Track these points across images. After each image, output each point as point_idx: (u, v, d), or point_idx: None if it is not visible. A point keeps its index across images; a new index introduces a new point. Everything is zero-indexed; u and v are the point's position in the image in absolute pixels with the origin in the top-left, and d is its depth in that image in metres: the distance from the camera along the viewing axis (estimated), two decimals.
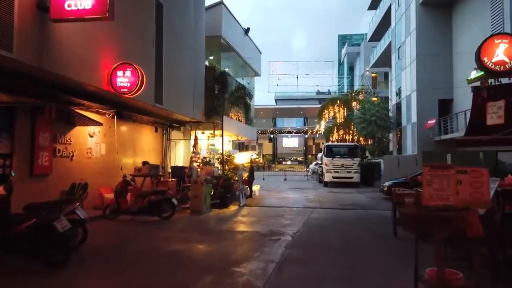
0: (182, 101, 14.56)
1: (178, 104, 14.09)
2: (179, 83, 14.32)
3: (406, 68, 28.74)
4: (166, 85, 13.03)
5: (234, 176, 16.45)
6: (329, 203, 16.79)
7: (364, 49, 50.63)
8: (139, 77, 9.81)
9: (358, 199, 18.19)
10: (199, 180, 12.66)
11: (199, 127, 17.85)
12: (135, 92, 9.88)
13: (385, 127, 30.54)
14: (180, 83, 14.37)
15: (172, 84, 13.65)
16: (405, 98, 29.09)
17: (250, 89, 17.16)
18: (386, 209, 14.75)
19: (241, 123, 21.86)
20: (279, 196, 19.64)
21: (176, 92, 14.03)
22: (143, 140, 15.02)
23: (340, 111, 33.23)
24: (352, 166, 25.05)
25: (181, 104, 14.36)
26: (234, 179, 16.59)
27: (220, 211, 13.62)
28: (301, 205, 15.96)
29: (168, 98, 13.19)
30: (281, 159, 64.51)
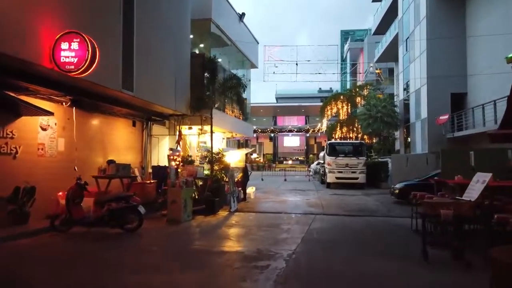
0: (161, 90, 12.29)
1: (155, 94, 11.84)
2: (157, 69, 12.06)
3: (415, 60, 26.39)
4: (139, 69, 10.77)
5: (224, 177, 14.18)
6: (333, 208, 14.50)
7: (368, 45, 48.26)
8: (89, 50, 7.54)
9: (366, 203, 15.89)
10: (177, 183, 10.39)
11: (186, 122, 15.58)
12: (85, 70, 7.61)
13: (392, 124, 28.20)
14: (158, 69, 12.11)
15: (147, 70, 11.40)
16: (413, 92, 26.75)
17: (243, 79, 14.83)
18: (400, 216, 12.47)
19: (236, 118, 19.56)
20: (277, 199, 17.35)
21: (153, 79, 11.77)
22: (117, 135, 12.77)
23: (343, 107, 30.92)
24: (357, 166, 22.74)
25: (159, 94, 12.09)
26: (225, 181, 14.33)
27: (205, 219, 11.36)
28: (301, 210, 13.69)
29: (142, 85, 10.93)
30: (282, 158, 62.25)
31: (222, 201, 13.80)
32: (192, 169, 11.32)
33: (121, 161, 12.72)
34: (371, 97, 29.09)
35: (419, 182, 15.74)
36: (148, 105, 12.28)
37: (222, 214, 12.58)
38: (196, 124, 15.90)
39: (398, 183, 16.24)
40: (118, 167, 9.97)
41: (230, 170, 13.99)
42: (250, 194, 17.59)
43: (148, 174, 13.88)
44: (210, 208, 12.63)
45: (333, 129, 32.16)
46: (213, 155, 13.95)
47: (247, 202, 16.16)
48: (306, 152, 61.70)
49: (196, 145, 18.76)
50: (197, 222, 10.67)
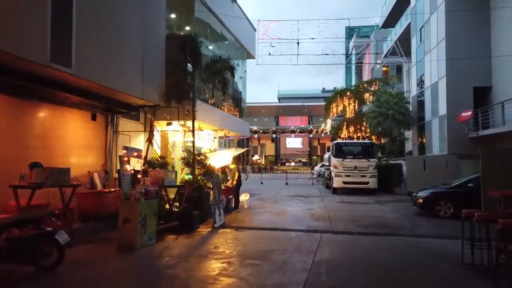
0: (121, 72, 9.33)
1: (110, 75, 8.89)
2: (114, 45, 9.10)
3: (431, 51, 23.35)
4: (83, 40, 7.85)
5: (208, 183, 11.24)
6: (344, 222, 11.50)
7: (375, 41, 45.12)
8: None
9: (383, 215, 12.86)
10: (133, 194, 7.45)
11: (165, 116, 12.67)
12: None
13: (404, 123, 25.13)
14: (115, 45, 9.15)
15: (97, 43, 8.48)
16: (429, 87, 23.69)
17: (232, 61, 11.85)
18: (433, 235, 9.48)
19: (227, 114, 16.61)
20: (275, 209, 14.37)
21: (107, 56, 8.84)
22: (68, 131, 9.86)
23: (350, 104, 27.88)
24: (367, 169, 19.72)
25: (118, 76, 9.14)
26: (209, 188, 11.39)
27: (174, 242, 8.40)
28: (303, 225, 10.72)
29: (87, 62, 8.03)
30: (284, 160, 59.20)
31: (205, 214, 10.86)
32: (157, 175, 8.35)
33: (74, 164, 9.85)
34: (381, 92, 26.03)
35: (449, 190, 12.73)
36: (107, 92, 9.35)
37: (202, 232, 9.63)
38: (177, 119, 12.96)
39: (422, 190, 13.21)
40: (49, 172, 7.02)
41: (215, 174, 11.02)
42: (244, 202, 14.67)
43: (113, 180, 10.96)
44: (187, 225, 9.70)
45: (339, 129, 29.13)
46: (194, 156, 10.97)
47: (239, 212, 13.23)
48: (309, 154, 58.58)
49: (182, 145, 15.86)
50: (161, 248, 7.70)
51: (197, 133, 16.17)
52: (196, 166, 10.80)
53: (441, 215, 12.26)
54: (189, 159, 11.02)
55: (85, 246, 7.59)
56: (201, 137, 16.50)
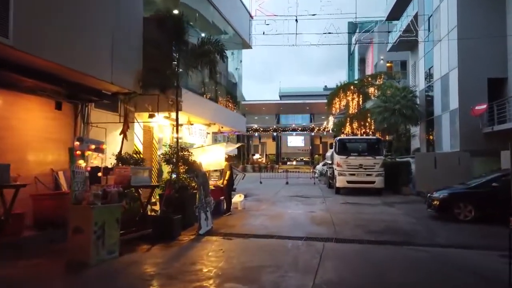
0: (83, 49, 7.69)
1: (69, 52, 7.30)
2: (72, 17, 7.46)
3: (440, 41, 21.70)
4: (26, 7, 6.27)
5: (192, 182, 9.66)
6: (350, 227, 9.91)
7: (379, 36, 43.44)
8: None
9: (393, 219, 11.25)
10: (86, 197, 5.87)
11: (146, 107, 11.12)
12: None
13: (412, 118, 23.46)
14: (74, 17, 7.51)
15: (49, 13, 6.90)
16: (439, 79, 22.02)
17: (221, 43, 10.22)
18: (455, 244, 7.89)
19: (220, 106, 15.02)
20: (272, 211, 12.80)
21: (64, 30, 7.23)
22: (25, 120, 8.30)
23: (354, 99, 26.22)
24: (373, 167, 18.10)
25: (77, 54, 7.51)
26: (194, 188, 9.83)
27: (144, 255, 6.83)
28: (302, 232, 9.15)
29: (35, 34, 6.47)
30: (285, 159, 57.58)
31: (190, 218, 9.29)
32: (122, 173, 6.75)
33: (32, 161, 8.37)
34: (387, 86, 24.34)
35: (469, 190, 11.11)
36: (68, 74, 7.77)
37: (182, 241, 8.07)
38: (162, 111, 11.39)
39: (437, 190, 11.57)
40: None
41: (202, 173, 9.43)
42: (237, 204, 13.10)
43: None
44: (165, 232, 8.15)
45: (342, 125, 27.49)
46: (176, 152, 9.36)
47: (231, 215, 11.66)
48: (311, 153, 56.93)
49: (170, 141, 14.30)
50: (122, 264, 6.12)
51: (187, 127, 14.67)
52: (178, 163, 9.19)
53: (461, 218, 10.65)
54: (169, 155, 9.41)
55: (30, 261, 6.03)
56: (192, 132, 14.95)
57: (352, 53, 53.33)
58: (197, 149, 11.66)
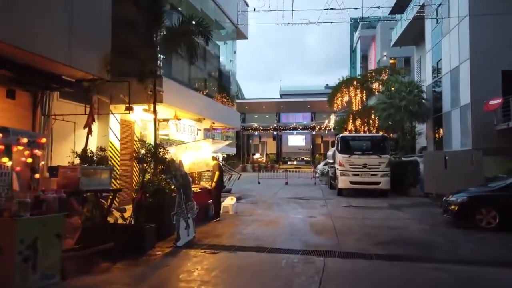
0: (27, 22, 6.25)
1: (11, 27, 5.86)
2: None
3: (449, 32, 20.20)
4: None
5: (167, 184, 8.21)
6: (355, 236, 8.46)
7: (381, 31, 41.96)
8: None
9: (404, 226, 9.78)
10: (7, 207, 4.44)
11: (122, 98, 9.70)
12: None
13: (419, 115, 21.95)
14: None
15: None
16: (448, 73, 20.52)
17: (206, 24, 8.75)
18: (488, 261, 6.44)
19: (211, 100, 13.56)
20: (267, 216, 11.36)
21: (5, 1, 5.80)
22: None
23: (357, 95, 24.73)
24: (378, 167, 16.63)
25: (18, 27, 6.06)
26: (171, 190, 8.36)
27: (102, 276, 5.42)
28: (300, 243, 7.73)
29: None
30: (286, 158, 56.05)
31: (170, 226, 7.83)
32: (68, 174, 5.30)
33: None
34: (392, 81, 22.83)
35: (492, 193, 9.63)
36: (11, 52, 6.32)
37: (154, 256, 6.65)
38: (140, 102, 9.98)
39: (455, 193, 10.09)
40: None
41: (181, 173, 7.98)
42: (229, 208, 11.66)
43: (43, 180, 7.94)
44: (134, 245, 6.73)
45: (344, 123, 26.01)
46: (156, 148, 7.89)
47: (219, 221, 10.21)
48: (312, 152, 55.35)
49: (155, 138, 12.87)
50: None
51: (174, 123, 13.25)
52: (151, 162, 7.73)
53: (483, 226, 9.17)
54: (140, 153, 7.95)
55: None
56: (180, 129, 13.52)
57: (354, 50, 51.79)
58: (178, 146, 10.22)
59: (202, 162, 10.35)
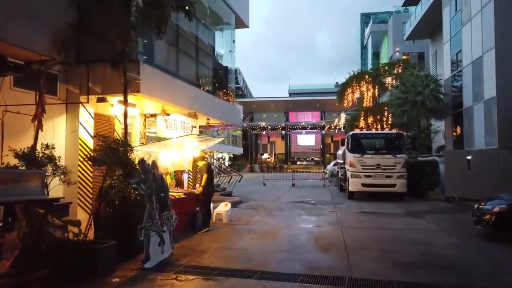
0: None
1: None
2: None
3: (471, 20, 18.30)
4: None
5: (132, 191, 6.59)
6: (369, 254, 6.76)
7: (394, 26, 40.03)
8: None
9: (429, 239, 8.04)
10: None
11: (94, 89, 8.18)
12: None
13: (437, 111, 20.04)
14: None
15: None
16: (469, 65, 18.60)
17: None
18: None
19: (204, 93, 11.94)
20: (265, 225, 9.72)
21: None
22: None
23: (369, 90, 22.90)
24: (394, 168, 14.86)
25: None
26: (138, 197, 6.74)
27: None
28: (300, 264, 6.11)
29: None
30: (295, 159, 54.24)
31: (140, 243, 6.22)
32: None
33: None
34: (407, 75, 20.95)
35: None
36: None
37: (109, 286, 5.07)
38: (114, 93, 8.43)
39: (490, 200, 8.31)
40: None
41: (150, 177, 6.37)
42: (222, 215, 10.05)
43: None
44: (88, 269, 5.19)
45: (355, 120, 24.21)
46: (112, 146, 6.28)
47: (209, 232, 8.61)
48: (322, 152, 53.42)
49: (141, 136, 11.35)
50: None
51: (162, 118, 11.69)
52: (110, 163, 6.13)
53: None
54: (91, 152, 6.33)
55: None
56: (170, 125, 11.92)
57: (365, 47, 49.76)
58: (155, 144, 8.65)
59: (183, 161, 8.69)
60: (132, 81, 8.32)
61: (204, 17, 12.15)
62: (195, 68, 11.48)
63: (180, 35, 10.63)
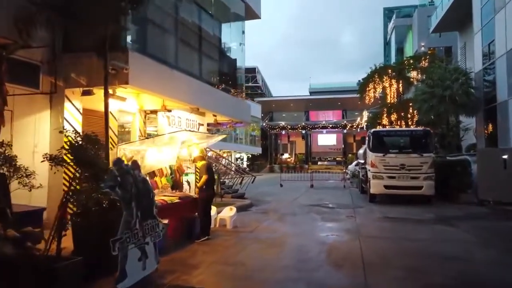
0: None
1: None
2: None
3: (506, 5, 16.57)
4: None
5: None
6: (392, 272, 5.53)
7: (418, 20, 38.03)
8: None
9: (466, 254, 6.69)
10: None
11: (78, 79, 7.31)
12: None
13: (467, 106, 18.36)
14: None
15: None
16: (504, 55, 16.87)
17: None
18: None
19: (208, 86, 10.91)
20: (273, 232, 8.59)
21: None
22: None
23: (392, 85, 21.36)
24: (420, 168, 13.43)
25: None
26: None
27: None
28: (307, 285, 4.91)
29: None
30: (316, 159, 52.78)
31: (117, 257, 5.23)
32: None
33: None
34: (435, 67, 19.32)
35: None
36: None
37: None
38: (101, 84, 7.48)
39: None
40: None
41: (129, 179, 5.37)
42: (226, 220, 8.99)
43: None
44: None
45: (377, 118, 22.69)
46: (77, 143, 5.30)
47: (208, 241, 7.54)
48: (343, 152, 51.70)
49: (141, 134, 10.47)
50: None
51: (163, 115, 10.74)
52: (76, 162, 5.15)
53: None
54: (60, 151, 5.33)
55: None
56: (173, 122, 10.97)
57: (388, 43, 47.70)
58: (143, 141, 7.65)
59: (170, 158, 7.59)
60: (119, 71, 7.39)
61: (209, 6, 11.12)
62: (198, 60, 10.47)
63: (180, 23, 9.63)
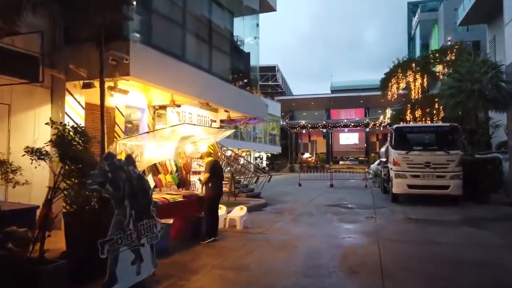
0: None
1: None
2: None
3: None
4: None
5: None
6: (413, 282, 4.86)
7: (444, 13, 36.49)
8: None
9: (499, 260, 5.93)
10: None
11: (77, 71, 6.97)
12: None
13: (498, 101, 17.15)
14: None
15: None
16: None
17: None
18: None
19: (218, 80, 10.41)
20: (285, 234, 8.03)
21: None
22: None
23: (417, 80, 20.31)
24: (447, 166, 12.54)
25: None
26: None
27: None
28: None
29: None
30: (338, 158, 51.67)
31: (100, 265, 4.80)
32: None
33: None
34: (463, 60, 18.21)
35: None
36: None
37: None
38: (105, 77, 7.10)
39: None
40: None
41: (126, 173, 4.93)
42: (236, 220, 8.49)
43: None
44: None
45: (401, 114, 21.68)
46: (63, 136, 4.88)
47: (215, 242, 7.05)
48: (366, 151, 50.36)
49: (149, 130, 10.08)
50: None
51: (173, 110, 10.34)
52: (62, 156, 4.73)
53: None
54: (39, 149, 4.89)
55: None
56: (184, 118, 10.56)
57: (413, 38, 46.02)
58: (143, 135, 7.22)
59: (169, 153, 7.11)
60: (120, 62, 6.99)
61: None
62: (208, 52, 9.99)
63: (188, 13, 9.19)
